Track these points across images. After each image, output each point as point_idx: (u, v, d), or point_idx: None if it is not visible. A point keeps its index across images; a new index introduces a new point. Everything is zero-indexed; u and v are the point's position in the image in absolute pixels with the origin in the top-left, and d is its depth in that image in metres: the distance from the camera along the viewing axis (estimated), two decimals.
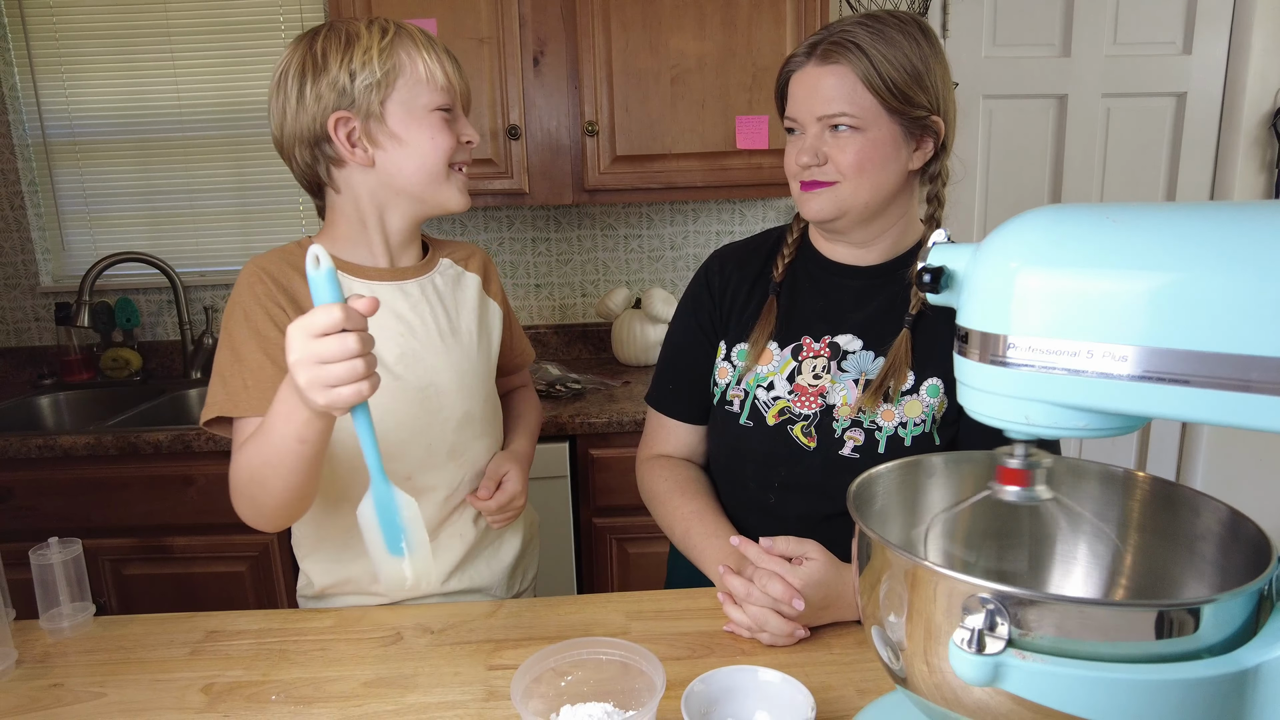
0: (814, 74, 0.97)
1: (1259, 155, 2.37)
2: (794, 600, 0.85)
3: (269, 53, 2.28)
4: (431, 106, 0.95)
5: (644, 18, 1.90)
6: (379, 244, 1.01)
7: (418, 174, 0.97)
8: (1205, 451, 2.54)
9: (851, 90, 0.95)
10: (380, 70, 0.93)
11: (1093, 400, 0.49)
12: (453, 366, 1.04)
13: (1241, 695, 0.48)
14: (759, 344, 1.06)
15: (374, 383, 0.71)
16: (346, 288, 0.95)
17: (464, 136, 0.99)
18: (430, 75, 0.95)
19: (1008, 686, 0.49)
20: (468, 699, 0.81)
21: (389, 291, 1.01)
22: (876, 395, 0.99)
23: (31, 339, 2.38)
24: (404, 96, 0.94)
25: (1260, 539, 0.55)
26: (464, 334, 1.07)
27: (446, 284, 1.08)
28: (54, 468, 1.78)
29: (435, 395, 1.02)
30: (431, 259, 1.08)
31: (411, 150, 0.96)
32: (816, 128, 0.98)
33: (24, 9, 2.24)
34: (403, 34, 0.96)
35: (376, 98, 0.93)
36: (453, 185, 1.00)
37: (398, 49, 0.94)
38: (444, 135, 0.96)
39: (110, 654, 0.90)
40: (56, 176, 2.34)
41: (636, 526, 1.88)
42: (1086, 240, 0.49)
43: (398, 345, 1.00)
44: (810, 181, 0.99)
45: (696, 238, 2.41)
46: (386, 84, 0.94)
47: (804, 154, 0.98)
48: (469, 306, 1.09)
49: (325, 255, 0.69)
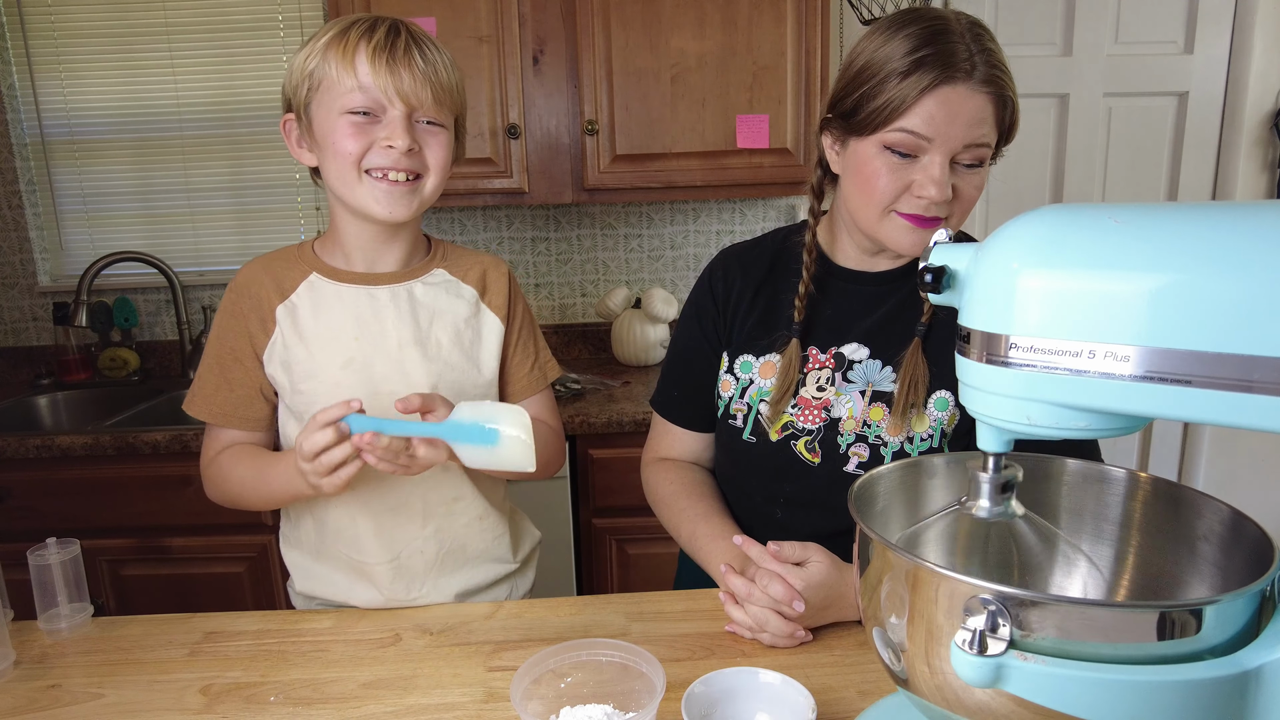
0: (969, 96, 0.85)
1: (1261, 155, 2.37)
2: (795, 602, 0.84)
3: (268, 52, 2.28)
4: (342, 110, 0.92)
5: (644, 16, 1.90)
6: (353, 245, 1.02)
7: (333, 179, 0.96)
8: (1207, 452, 2.53)
9: (997, 122, 0.88)
10: (306, 72, 0.93)
11: (1094, 400, 0.49)
12: (407, 377, 1.00)
13: (1243, 696, 0.48)
14: (784, 400, 1.01)
15: (355, 466, 0.87)
16: (319, 291, 1.01)
17: (382, 140, 0.93)
18: (340, 77, 0.91)
19: (1009, 688, 0.49)
20: (467, 700, 0.81)
21: (354, 294, 1.01)
22: (902, 418, 0.96)
23: (29, 339, 2.38)
24: (324, 99, 0.93)
25: (1262, 539, 0.55)
26: (433, 345, 1.02)
27: (429, 293, 1.04)
28: (52, 468, 1.78)
29: (380, 409, 0.97)
30: (423, 266, 1.06)
31: (327, 155, 0.95)
32: (944, 157, 0.87)
33: (22, 8, 2.23)
34: (340, 34, 0.92)
35: (303, 98, 0.95)
36: (365, 191, 0.94)
37: (329, 50, 0.92)
38: (349, 139, 0.92)
39: (108, 655, 0.90)
40: (55, 176, 2.33)
41: (637, 527, 1.88)
42: (1088, 240, 0.49)
43: (346, 351, 0.99)
44: (930, 218, 0.89)
45: (696, 237, 2.40)
46: (310, 86, 0.94)
47: (935, 187, 0.87)
48: (452, 318, 1.04)
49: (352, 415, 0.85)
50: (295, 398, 1.00)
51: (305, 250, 1.04)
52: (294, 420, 1.02)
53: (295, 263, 1.03)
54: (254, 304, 1.01)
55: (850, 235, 1.03)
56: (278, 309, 1.00)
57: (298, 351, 0.99)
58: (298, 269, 1.02)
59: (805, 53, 1.93)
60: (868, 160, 0.91)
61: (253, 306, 1.01)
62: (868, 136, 0.90)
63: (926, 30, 0.87)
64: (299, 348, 0.99)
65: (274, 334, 1.00)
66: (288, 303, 1.00)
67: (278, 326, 1.00)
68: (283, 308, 1.00)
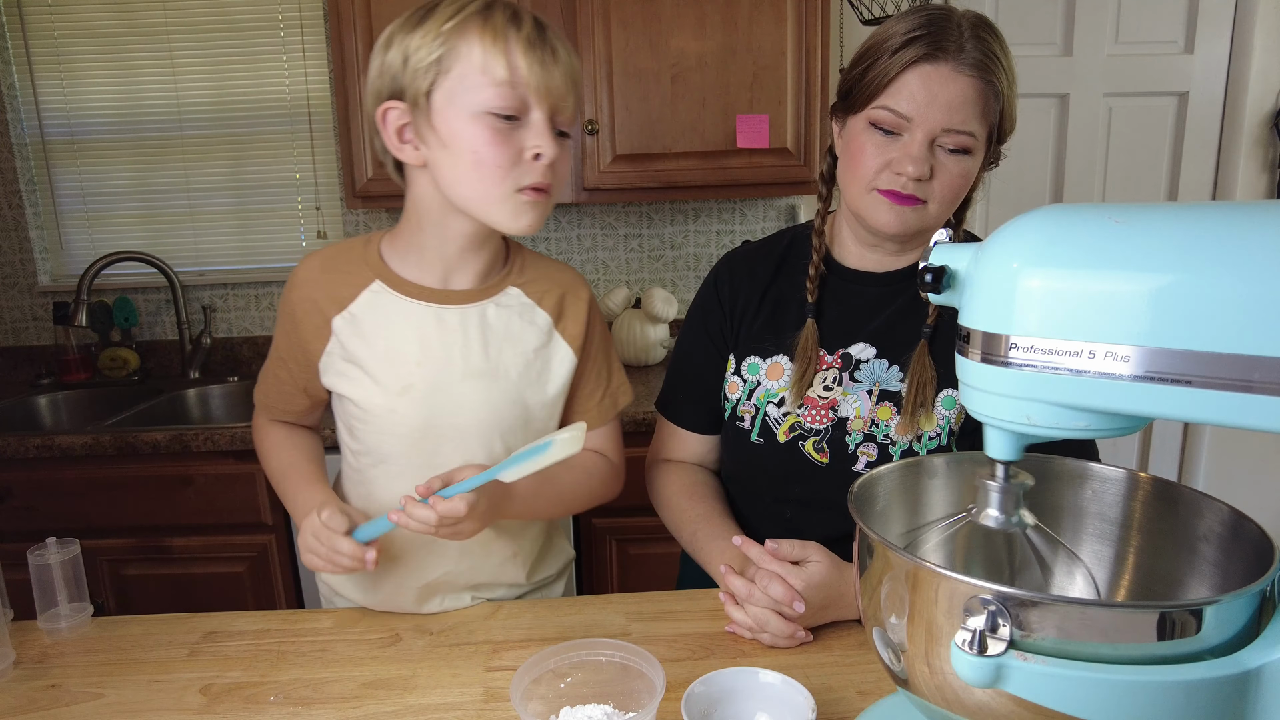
0: (951, 78, 0.87)
1: (1261, 155, 2.37)
2: (795, 603, 0.84)
3: (267, 52, 2.28)
4: (482, 108, 0.80)
5: (644, 16, 1.90)
6: (433, 257, 0.91)
7: (461, 187, 0.84)
8: (1207, 452, 2.53)
9: (982, 111, 0.88)
10: (432, 54, 0.79)
11: (1095, 401, 0.49)
12: (466, 410, 0.92)
13: (1243, 697, 0.48)
14: (805, 377, 1.01)
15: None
16: (382, 303, 0.92)
17: (529, 150, 0.82)
18: (486, 67, 0.79)
19: (1009, 688, 0.48)
20: (467, 700, 0.80)
21: (421, 313, 0.91)
22: (912, 418, 0.96)
23: (29, 338, 2.38)
24: (453, 89, 0.80)
25: (1262, 540, 0.55)
26: (500, 377, 0.93)
27: (502, 316, 0.94)
28: (52, 468, 1.77)
29: (436, 436, 0.92)
30: (499, 283, 0.95)
31: (455, 157, 0.82)
32: (924, 136, 0.89)
33: (22, 7, 2.23)
34: (478, 14, 0.80)
35: (423, 86, 0.81)
36: (508, 208, 0.84)
37: (462, 30, 0.79)
38: (493, 147, 0.80)
39: (108, 654, 0.90)
40: (54, 175, 2.33)
41: (637, 527, 1.88)
42: (1088, 240, 0.49)
43: (406, 377, 0.91)
44: (908, 195, 0.91)
45: (696, 237, 2.40)
46: (436, 71, 0.80)
47: (911, 164, 0.88)
48: (522, 346, 0.95)
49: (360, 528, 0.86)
50: (347, 415, 0.96)
51: (371, 250, 0.94)
52: (345, 427, 0.97)
53: (359, 265, 0.93)
54: (308, 309, 0.93)
55: (850, 226, 1.04)
56: (335, 320, 0.91)
57: (353, 371, 0.92)
58: (360, 273, 0.92)
59: (805, 53, 1.93)
60: (855, 136, 0.94)
61: (307, 313, 0.93)
62: (858, 113, 0.94)
63: (929, 17, 0.89)
64: (355, 367, 0.92)
65: (329, 344, 0.93)
66: (347, 313, 0.92)
67: (334, 337, 0.92)
68: (340, 318, 0.91)
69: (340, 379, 0.94)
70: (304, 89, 2.30)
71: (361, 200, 2.00)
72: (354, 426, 0.96)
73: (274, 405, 1.02)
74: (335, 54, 1.92)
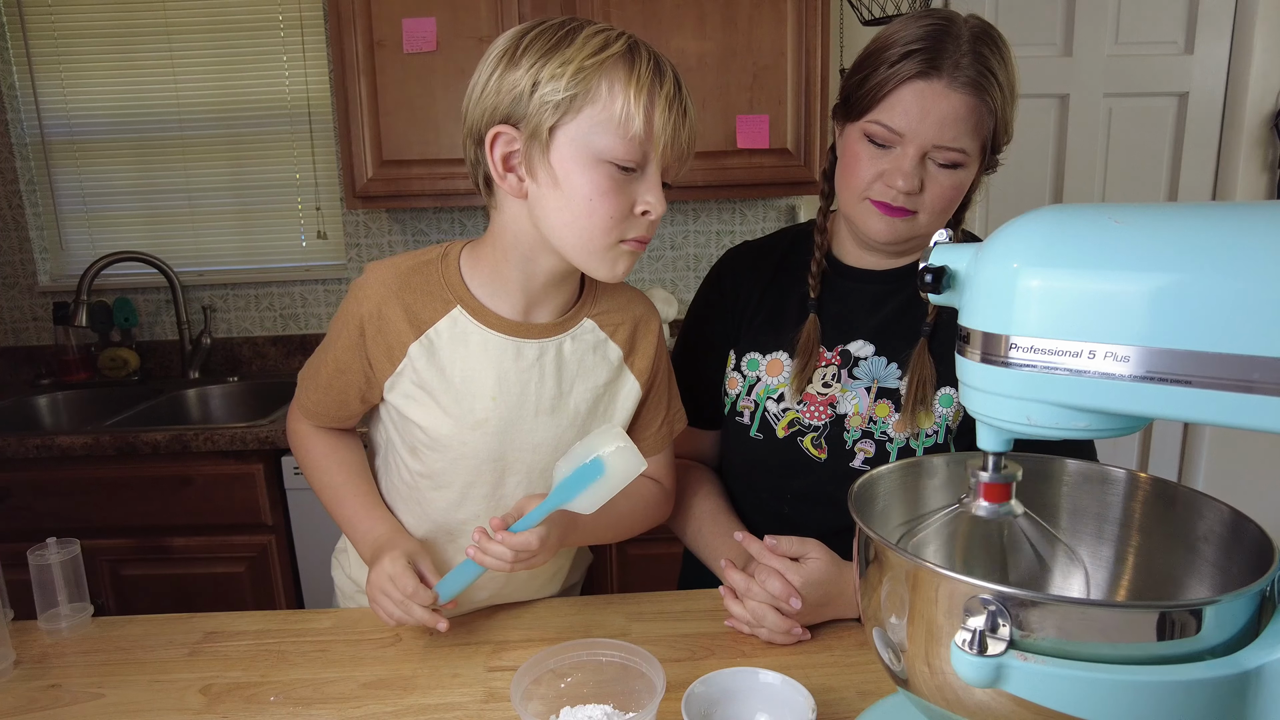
0: (944, 95, 0.87)
1: (1261, 155, 2.37)
2: (792, 598, 0.85)
3: (267, 52, 2.28)
4: (606, 156, 0.76)
5: (644, 17, 1.90)
6: (515, 289, 0.87)
7: (566, 231, 0.80)
8: (1207, 452, 2.53)
9: (974, 128, 0.89)
10: (568, 91, 0.75)
11: (1094, 401, 0.49)
12: (537, 445, 0.91)
13: (1243, 697, 0.48)
14: (806, 370, 1.01)
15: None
16: (462, 332, 0.88)
17: (640, 205, 0.79)
18: (625, 118, 0.75)
19: (1009, 688, 0.49)
20: (467, 700, 0.81)
21: (501, 346, 0.88)
22: (912, 416, 0.96)
23: (29, 339, 2.38)
24: (581, 130, 0.76)
25: (1262, 540, 0.55)
26: (569, 412, 0.91)
27: (576, 351, 0.91)
28: (52, 468, 1.78)
29: (502, 468, 0.91)
30: (575, 315, 0.92)
31: (566, 200, 0.78)
32: (915, 151, 0.89)
33: (22, 7, 2.23)
34: (623, 58, 0.76)
35: (549, 120, 0.76)
36: (608, 258, 0.81)
37: (603, 71, 0.76)
38: (607, 198, 0.77)
39: (108, 655, 0.90)
40: (55, 176, 2.33)
41: None
42: (1088, 240, 0.49)
43: (480, 411, 0.88)
44: (898, 207, 0.92)
45: (696, 238, 2.40)
46: (567, 108, 0.76)
47: (902, 178, 0.90)
48: (593, 381, 0.93)
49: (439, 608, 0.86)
50: (411, 436, 0.92)
51: (450, 267, 0.89)
52: (404, 445, 0.93)
53: (438, 285, 0.88)
54: (380, 329, 0.88)
55: (847, 226, 1.04)
56: (411, 346, 0.87)
57: (424, 397, 0.89)
58: (440, 294, 0.88)
59: (805, 53, 1.93)
60: (851, 145, 0.95)
61: (379, 330, 0.88)
62: (855, 122, 0.94)
63: (932, 28, 0.89)
64: (426, 394, 0.89)
65: (401, 367, 0.88)
66: (424, 339, 0.88)
67: (408, 361, 0.88)
68: (417, 345, 0.87)
69: (409, 402, 0.90)
70: (304, 89, 2.30)
71: (361, 200, 2.00)
72: (419, 450, 0.92)
73: (323, 414, 0.96)
74: (335, 54, 1.92)
